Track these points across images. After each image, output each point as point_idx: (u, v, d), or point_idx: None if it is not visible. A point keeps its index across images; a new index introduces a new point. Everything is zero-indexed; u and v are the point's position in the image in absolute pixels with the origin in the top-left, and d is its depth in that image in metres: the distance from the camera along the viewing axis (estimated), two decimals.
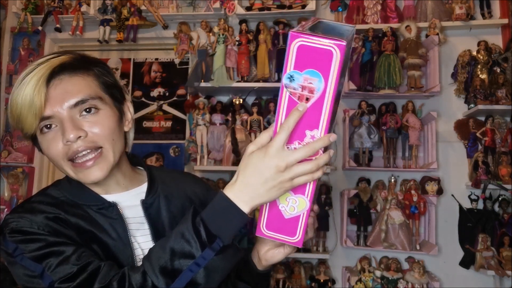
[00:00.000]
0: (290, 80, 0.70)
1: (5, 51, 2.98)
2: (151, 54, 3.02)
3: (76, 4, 2.84)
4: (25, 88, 0.78)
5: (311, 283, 2.48)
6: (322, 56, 0.67)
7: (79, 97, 0.81)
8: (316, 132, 0.72)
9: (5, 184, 2.83)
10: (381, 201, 2.54)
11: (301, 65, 0.68)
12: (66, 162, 0.82)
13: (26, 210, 0.83)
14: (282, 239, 0.80)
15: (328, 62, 0.68)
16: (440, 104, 2.61)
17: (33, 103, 0.78)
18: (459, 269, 2.46)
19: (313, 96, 0.70)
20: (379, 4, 2.65)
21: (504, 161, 2.43)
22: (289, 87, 0.70)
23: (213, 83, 2.57)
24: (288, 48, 0.68)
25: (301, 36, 0.67)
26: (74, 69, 0.83)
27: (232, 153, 2.54)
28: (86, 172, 0.82)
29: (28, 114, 0.78)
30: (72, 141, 0.79)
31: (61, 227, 0.80)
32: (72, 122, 0.80)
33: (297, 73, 0.69)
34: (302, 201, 0.77)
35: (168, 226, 0.92)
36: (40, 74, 0.79)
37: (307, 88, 0.70)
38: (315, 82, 0.69)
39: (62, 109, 0.80)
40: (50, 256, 0.75)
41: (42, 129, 0.81)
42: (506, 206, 2.44)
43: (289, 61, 0.69)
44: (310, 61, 0.68)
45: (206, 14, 2.72)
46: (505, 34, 2.60)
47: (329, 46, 0.67)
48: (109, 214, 0.86)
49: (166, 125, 2.94)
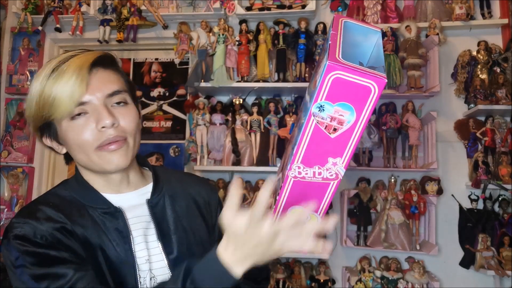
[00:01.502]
0: (320, 110, 0.66)
1: (5, 51, 2.98)
2: (151, 54, 3.02)
3: (76, 4, 2.84)
4: (63, 75, 0.81)
5: (311, 283, 2.48)
6: (359, 91, 0.64)
7: (115, 87, 0.86)
8: (339, 160, 0.70)
9: (5, 184, 2.84)
10: (381, 201, 2.54)
11: (334, 97, 0.65)
12: (94, 149, 0.84)
13: (32, 214, 0.83)
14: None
15: (365, 97, 0.65)
16: (440, 104, 2.61)
17: (74, 88, 0.80)
18: (459, 269, 2.46)
19: (342, 128, 0.67)
20: (379, 4, 2.65)
21: (504, 161, 2.43)
22: (317, 116, 0.67)
23: (213, 83, 2.57)
24: (322, 78, 0.64)
25: (339, 69, 0.63)
26: (108, 64, 0.88)
27: (232, 153, 2.54)
28: (111, 156, 0.84)
29: (65, 99, 0.81)
30: (108, 127, 0.82)
31: (65, 238, 0.81)
32: (108, 110, 0.83)
33: (328, 104, 0.66)
34: (313, 218, 0.76)
35: (173, 226, 0.92)
36: (80, 63, 0.82)
37: (336, 120, 0.67)
38: (347, 115, 0.66)
39: (99, 97, 0.83)
40: (47, 278, 0.76)
41: (73, 116, 0.83)
42: (506, 206, 2.44)
43: (322, 92, 0.65)
44: (345, 94, 0.65)
45: (206, 14, 2.72)
46: (505, 34, 2.60)
47: (368, 83, 0.63)
48: (114, 220, 0.87)
49: (166, 125, 2.94)
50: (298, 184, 0.73)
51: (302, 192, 0.74)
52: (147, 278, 0.87)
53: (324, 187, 0.74)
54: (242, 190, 0.69)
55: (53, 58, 0.87)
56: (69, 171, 3.02)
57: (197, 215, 0.98)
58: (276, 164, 2.55)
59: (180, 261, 0.87)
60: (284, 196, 0.75)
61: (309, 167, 0.71)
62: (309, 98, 0.70)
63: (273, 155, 2.54)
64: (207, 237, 0.97)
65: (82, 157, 0.86)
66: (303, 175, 0.72)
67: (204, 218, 0.99)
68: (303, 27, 2.58)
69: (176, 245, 0.90)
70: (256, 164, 2.53)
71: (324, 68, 0.63)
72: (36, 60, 2.94)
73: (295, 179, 0.73)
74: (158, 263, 0.88)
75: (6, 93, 2.95)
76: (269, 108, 2.56)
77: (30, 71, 2.93)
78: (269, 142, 2.55)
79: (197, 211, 0.99)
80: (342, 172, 0.72)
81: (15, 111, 2.92)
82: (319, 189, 0.74)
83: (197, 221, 0.97)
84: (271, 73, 2.63)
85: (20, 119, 2.90)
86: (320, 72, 0.65)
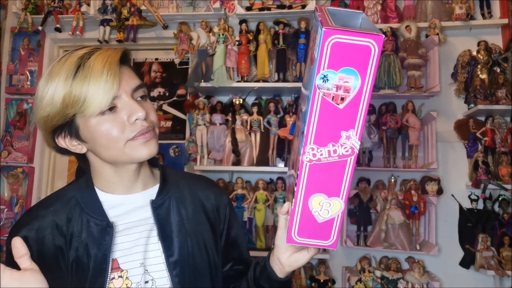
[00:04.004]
0: (324, 80, 0.65)
1: (5, 51, 2.98)
2: (151, 54, 3.03)
3: (76, 4, 2.84)
4: (91, 72, 0.81)
5: (311, 283, 2.48)
6: (359, 53, 0.63)
7: (138, 82, 0.88)
8: (352, 132, 0.68)
9: (5, 184, 2.84)
10: (381, 201, 2.54)
11: (336, 63, 0.63)
12: (126, 141, 0.84)
13: (35, 217, 0.88)
14: (315, 244, 0.77)
15: (366, 58, 0.63)
16: (440, 104, 2.62)
17: (107, 84, 0.80)
18: (459, 269, 2.46)
19: (349, 95, 0.66)
20: (379, 4, 2.65)
21: (504, 161, 2.43)
22: (322, 88, 0.65)
23: (213, 83, 2.57)
24: (321, 46, 0.62)
25: (336, 33, 0.62)
26: (126, 60, 0.90)
27: (232, 153, 2.54)
28: (144, 145, 0.85)
29: (99, 95, 0.80)
30: (141, 119, 0.84)
31: (52, 254, 0.85)
32: (138, 103, 0.85)
33: (331, 73, 0.64)
34: (336, 204, 0.74)
35: (176, 228, 0.92)
36: (107, 59, 0.82)
37: (342, 88, 0.65)
38: (351, 80, 0.65)
39: (127, 91, 0.85)
40: None
41: (105, 112, 0.82)
42: (506, 206, 2.44)
43: (323, 60, 0.63)
44: (346, 58, 0.63)
45: (206, 14, 2.72)
46: (505, 34, 2.60)
47: (367, 41, 0.62)
48: (102, 235, 0.87)
49: (166, 125, 2.94)
50: (314, 168, 0.70)
51: (320, 176, 0.71)
52: (141, 282, 0.87)
53: (341, 166, 0.71)
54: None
55: (63, 58, 0.85)
56: (69, 171, 3.02)
57: (204, 220, 0.97)
58: (277, 164, 2.55)
59: (180, 264, 0.88)
60: (302, 186, 0.72)
61: (323, 146, 0.69)
62: (309, 78, 0.68)
63: (273, 155, 2.54)
64: (212, 242, 0.96)
65: (112, 151, 0.85)
66: (318, 156, 0.70)
67: (211, 224, 0.98)
68: (303, 27, 2.58)
69: (177, 248, 0.90)
70: (256, 164, 2.53)
71: (321, 36, 0.62)
72: (36, 60, 2.94)
73: (310, 164, 0.70)
74: (157, 265, 0.88)
75: (6, 93, 2.95)
76: (269, 108, 2.56)
77: (30, 71, 2.93)
78: (269, 142, 2.55)
79: (204, 216, 0.98)
80: (357, 145, 0.70)
81: (15, 111, 2.92)
82: (337, 169, 0.71)
83: (202, 226, 0.96)
84: (271, 73, 2.63)
85: (20, 119, 2.90)
86: (317, 43, 0.64)
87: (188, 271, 0.90)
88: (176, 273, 0.88)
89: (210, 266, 0.94)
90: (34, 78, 2.94)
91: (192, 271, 0.90)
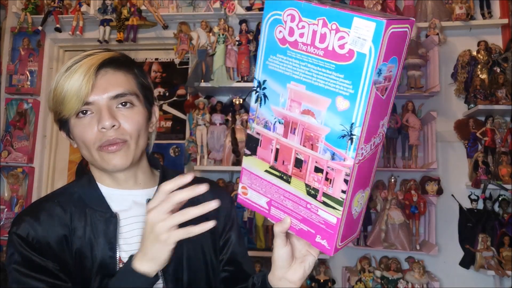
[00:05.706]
0: (378, 75, 0.60)
1: (5, 51, 2.98)
2: (151, 54, 3.03)
3: (76, 4, 2.84)
4: (73, 74, 0.84)
5: (311, 283, 2.48)
6: (401, 39, 0.60)
7: (120, 90, 0.87)
8: (386, 119, 0.66)
9: (5, 184, 2.84)
10: (381, 201, 2.54)
11: (387, 55, 0.60)
12: (95, 148, 0.86)
13: (35, 213, 0.88)
14: (349, 241, 0.75)
15: (403, 44, 0.61)
16: (440, 104, 2.61)
17: (81, 88, 0.83)
18: (459, 269, 2.46)
19: (389, 84, 0.63)
20: (379, 4, 2.65)
21: (504, 161, 2.43)
22: (376, 83, 0.61)
23: (213, 83, 2.57)
24: (382, 38, 0.58)
25: (393, 23, 0.57)
26: (119, 65, 0.89)
27: (232, 153, 2.54)
28: (110, 156, 0.86)
29: (73, 97, 0.83)
30: (107, 129, 0.84)
31: (59, 246, 0.85)
32: (110, 111, 0.85)
33: (384, 65, 0.60)
34: (367, 194, 0.72)
35: None
36: (90, 63, 0.84)
37: (387, 78, 0.62)
38: (393, 68, 0.62)
39: (103, 98, 0.85)
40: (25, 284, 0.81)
41: (78, 114, 0.85)
42: (506, 206, 2.44)
43: (380, 54, 0.58)
44: (393, 48, 0.60)
45: (206, 14, 2.72)
46: (505, 34, 2.60)
47: (405, 27, 0.60)
48: (106, 225, 0.88)
49: (166, 125, 2.94)
50: (360, 168, 0.66)
51: (362, 173, 0.67)
52: None
53: (375, 155, 0.69)
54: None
55: (76, 55, 0.89)
56: (69, 171, 3.02)
57: (202, 221, 0.95)
58: None
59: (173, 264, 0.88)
60: (349, 191, 0.66)
61: (368, 143, 0.65)
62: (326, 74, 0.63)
63: None
64: (210, 243, 0.96)
65: (86, 154, 0.89)
66: (364, 154, 0.66)
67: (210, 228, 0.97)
68: None
69: None
70: None
71: (382, 26, 0.57)
72: (36, 60, 2.94)
73: (358, 165, 0.65)
74: None
75: (6, 93, 2.95)
76: None
77: (30, 71, 2.93)
78: None
79: (202, 216, 0.96)
80: (385, 130, 0.68)
81: (15, 111, 2.92)
82: (372, 160, 0.68)
83: None
84: None
85: (20, 119, 2.90)
86: (362, 36, 0.59)
87: (182, 271, 0.90)
88: (169, 273, 0.88)
89: (207, 267, 0.94)
90: (34, 78, 2.94)
91: (187, 272, 0.90)
